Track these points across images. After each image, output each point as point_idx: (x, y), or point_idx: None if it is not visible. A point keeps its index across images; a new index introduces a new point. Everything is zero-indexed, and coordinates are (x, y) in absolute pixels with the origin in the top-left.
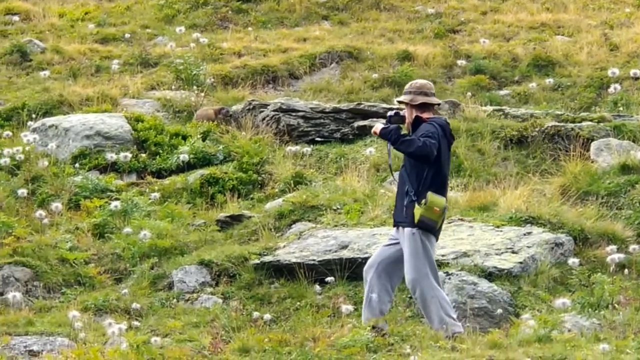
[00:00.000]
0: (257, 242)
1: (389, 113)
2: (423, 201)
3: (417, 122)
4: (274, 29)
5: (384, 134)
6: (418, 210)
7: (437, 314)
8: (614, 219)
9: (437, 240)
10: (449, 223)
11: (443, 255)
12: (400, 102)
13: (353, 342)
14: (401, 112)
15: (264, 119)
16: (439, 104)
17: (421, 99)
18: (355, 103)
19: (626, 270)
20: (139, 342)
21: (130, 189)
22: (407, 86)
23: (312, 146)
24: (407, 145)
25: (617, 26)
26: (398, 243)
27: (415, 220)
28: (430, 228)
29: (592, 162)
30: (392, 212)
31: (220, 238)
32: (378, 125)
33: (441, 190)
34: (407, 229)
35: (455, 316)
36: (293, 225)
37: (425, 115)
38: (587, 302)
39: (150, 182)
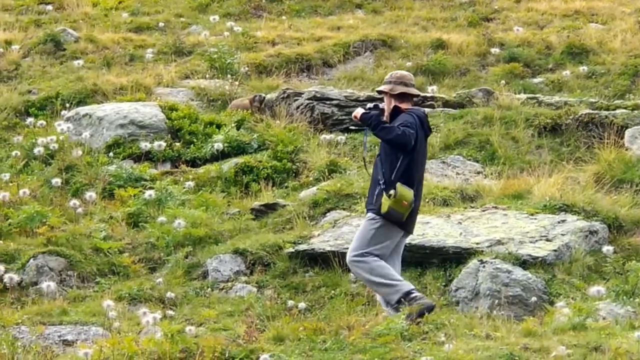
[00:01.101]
0: (291, 230)
1: (368, 105)
2: (392, 192)
3: (395, 112)
4: (307, 17)
5: (364, 119)
6: (386, 202)
7: (381, 285)
8: None
9: (411, 232)
10: (483, 211)
11: (477, 243)
12: (379, 92)
13: (388, 331)
14: (381, 105)
15: (298, 107)
16: (418, 96)
17: (400, 89)
18: None
19: None
20: (173, 331)
21: (164, 178)
22: (387, 76)
23: (346, 134)
24: (387, 132)
25: None
26: None
27: (383, 211)
28: (397, 220)
29: (627, 149)
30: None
31: (255, 227)
32: (359, 109)
33: (412, 182)
34: (370, 214)
35: (399, 277)
36: (327, 214)
37: (403, 106)
38: (621, 289)
39: (185, 170)
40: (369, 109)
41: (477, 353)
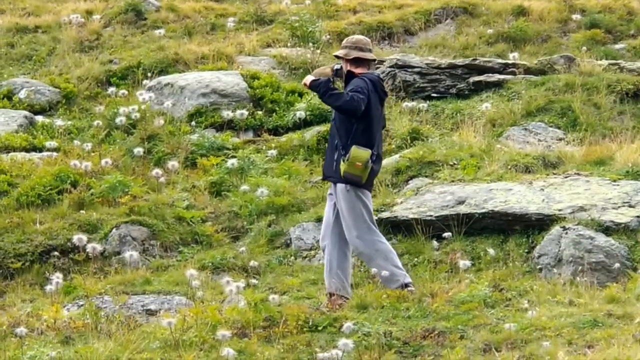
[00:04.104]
0: (374, 198)
1: (335, 66)
2: (347, 156)
3: (350, 76)
4: None
5: (313, 86)
6: (342, 166)
7: (385, 268)
8: None
9: (370, 192)
10: (565, 178)
11: (560, 210)
12: (336, 57)
13: (471, 298)
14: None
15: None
16: (374, 60)
17: (355, 54)
18: (471, 59)
19: None
20: (256, 300)
21: (246, 147)
22: (344, 41)
23: (428, 102)
24: (335, 99)
25: None
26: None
27: (342, 175)
28: (355, 183)
29: None
30: (322, 165)
31: None
32: (309, 77)
33: (369, 145)
34: (340, 186)
35: (402, 266)
36: (410, 181)
37: (358, 71)
38: None
39: (267, 139)
40: (336, 70)
41: (561, 319)
